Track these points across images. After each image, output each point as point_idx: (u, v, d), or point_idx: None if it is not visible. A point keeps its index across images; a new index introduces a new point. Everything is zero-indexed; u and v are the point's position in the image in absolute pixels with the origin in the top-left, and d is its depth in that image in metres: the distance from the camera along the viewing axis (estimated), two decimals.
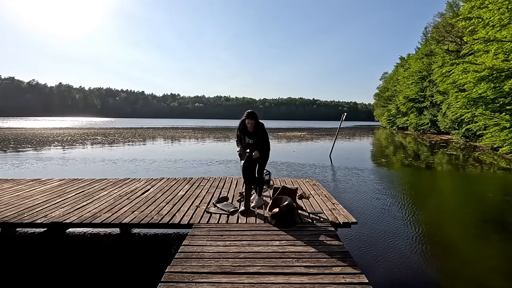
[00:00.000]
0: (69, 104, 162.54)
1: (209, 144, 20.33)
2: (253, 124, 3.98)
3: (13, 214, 3.71)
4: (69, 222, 3.49)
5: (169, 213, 3.84)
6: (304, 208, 4.06)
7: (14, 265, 3.44)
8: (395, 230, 4.50)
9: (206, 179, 5.91)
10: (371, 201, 6.04)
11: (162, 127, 48.71)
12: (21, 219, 3.56)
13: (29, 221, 3.50)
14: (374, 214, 5.15)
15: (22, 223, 3.48)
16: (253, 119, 3.96)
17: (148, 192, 4.85)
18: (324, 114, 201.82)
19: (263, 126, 4.09)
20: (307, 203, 4.33)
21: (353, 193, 6.61)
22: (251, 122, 3.96)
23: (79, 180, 5.71)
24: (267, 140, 4.13)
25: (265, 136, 4.10)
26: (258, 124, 4.03)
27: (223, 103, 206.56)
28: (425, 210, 5.69)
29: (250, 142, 4.10)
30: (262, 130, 4.06)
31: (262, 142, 4.06)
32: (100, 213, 3.80)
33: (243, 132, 4.13)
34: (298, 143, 21.43)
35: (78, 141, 20.08)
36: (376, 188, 7.22)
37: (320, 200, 4.44)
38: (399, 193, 7.01)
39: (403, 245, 3.99)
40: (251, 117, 3.96)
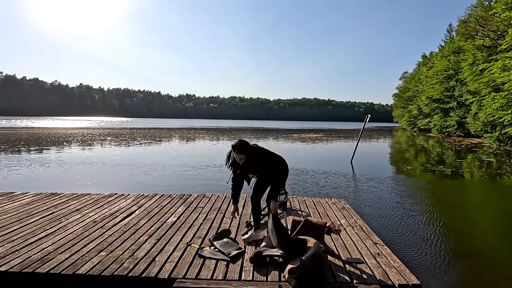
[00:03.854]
0: (89, 104, 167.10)
1: (220, 146, 19.36)
2: (243, 159, 2.89)
3: None
4: (4, 271, 2.48)
5: (148, 255, 2.77)
6: (337, 252, 2.88)
7: None
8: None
9: (207, 197, 4.82)
10: (423, 235, 4.75)
11: (176, 127, 48.43)
12: None
13: None
14: (434, 263, 3.89)
15: None
16: (241, 153, 2.86)
17: (131, 218, 3.82)
18: (339, 114, 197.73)
19: (263, 154, 2.96)
20: (338, 241, 3.15)
21: (392, 220, 5.24)
22: (239, 157, 2.88)
23: (56, 196, 4.77)
24: (276, 170, 3.01)
25: (270, 166, 2.98)
26: (252, 156, 2.90)
27: (237, 103, 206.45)
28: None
29: (254, 177, 3.12)
30: (261, 163, 2.94)
31: (270, 175, 3.01)
32: (54, 253, 2.78)
33: (238, 168, 3.04)
34: (314, 145, 20.08)
35: (87, 142, 19.63)
36: (422, 212, 5.91)
37: (356, 237, 3.25)
38: (455, 220, 5.67)
39: None
40: (237, 150, 2.85)
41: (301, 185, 7.78)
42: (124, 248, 2.92)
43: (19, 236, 3.16)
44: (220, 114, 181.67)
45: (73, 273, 2.46)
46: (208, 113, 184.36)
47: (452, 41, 36.99)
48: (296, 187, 7.49)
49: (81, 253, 2.80)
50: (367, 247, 2.98)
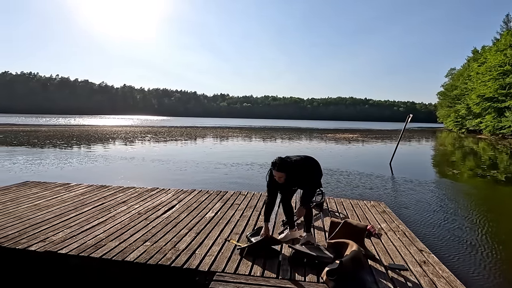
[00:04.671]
0: (131, 103, 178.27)
1: (252, 145, 19.53)
2: (283, 177, 2.79)
3: (13, 234, 3.13)
4: (64, 253, 2.76)
5: (188, 248, 2.89)
6: (377, 257, 2.77)
7: None
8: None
9: (242, 194, 4.90)
10: (469, 242, 4.39)
11: (211, 126, 49.79)
12: (18, 242, 2.95)
13: (23, 246, 2.86)
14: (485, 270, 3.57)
15: (14, 249, 2.85)
16: (281, 172, 2.75)
17: (172, 211, 4.01)
18: (377, 114, 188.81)
19: (301, 167, 2.88)
20: (379, 245, 3.02)
21: (437, 227, 4.90)
22: (279, 175, 2.78)
23: (105, 188, 5.17)
24: (310, 174, 2.97)
25: (307, 173, 2.93)
26: (292, 172, 2.81)
27: (270, 102, 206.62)
28: None
29: (295, 189, 3.16)
30: (303, 174, 2.88)
31: (305, 180, 2.97)
32: (106, 240, 3.02)
33: (278, 187, 2.96)
34: (348, 146, 19.41)
35: (129, 139, 20.96)
36: (471, 219, 5.45)
37: (399, 242, 3.09)
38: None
39: None
40: (277, 168, 2.75)
41: (336, 186, 7.58)
42: (167, 239, 3.08)
43: (76, 223, 3.47)
44: (253, 113, 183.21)
45: (122, 259, 2.65)
46: (241, 112, 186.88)
47: (509, 33, 33.40)
48: (330, 188, 7.32)
49: (128, 241, 3.01)
50: (412, 254, 2.82)
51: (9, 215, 3.67)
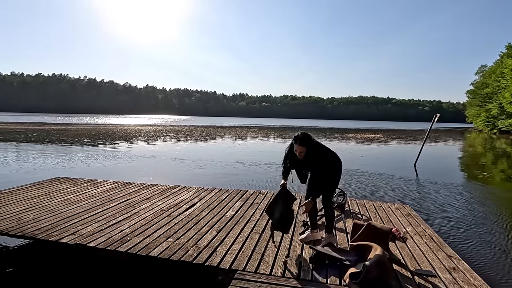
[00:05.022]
0: (153, 103, 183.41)
1: (271, 144, 19.49)
2: (303, 152, 2.82)
3: (47, 226, 3.32)
4: (92, 246, 2.88)
5: (210, 245, 2.93)
6: (403, 261, 2.67)
7: None
8: None
9: (262, 194, 4.90)
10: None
11: (230, 125, 50.24)
12: (50, 234, 3.11)
13: (56, 238, 3.02)
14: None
15: (48, 240, 3.01)
16: (302, 146, 2.79)
17: (193, 209, 4.08)
18: (400, 114, 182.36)
19: (322, 150, 2.87)
20: (405, 250, 2.91)
21: (466, 232, 4.63)
22: (300, 149, 2.81)
23: (130, 185, 5.35)
24: (331, 171, 2.91)
25: (328, 165, 2.88)
26: (312, 150, 2.83)
27: (289, 102, 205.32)
28: None
29: (308, 173, 3.02)
30: (321, 157, 2.85)
31: (324, 174, 2.90)
32: (131, 235, 3.12)
33: (295, 163, 2.99)
34: (370, 146, 18.88)
35: (151, 138, 21.57)
36: (503, 225, 5.14)
37: (426, 247, 2.97)
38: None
39: None
40: (299, 142, 2.79)
41: (357, 187, 7.41)
42: (189, 236, 3.14)
43: (103, 218, 3.62)
44: (272, 113, 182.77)
45: (147, 254, 2.73)
46: (260, 112, 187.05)
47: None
48: (351, 189, 7.16)
49: (152, 237, 3.10)
50: (440, 260, 2.70)
51: (43, 209, 3.89)
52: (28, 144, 15.91)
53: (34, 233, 3.12)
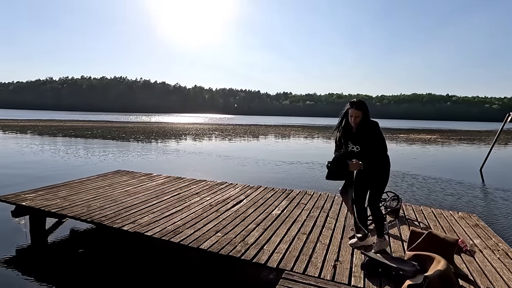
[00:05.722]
0: (200, 102, 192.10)
1: (316, 143, 19.03)
2: (359, 117, 2.62)
3: (111, 214, 3.66)
4: (149, 235, 3.10)
5: (257, 243, 2.96)
6: (471, 278, 2.38)
7: (96, 266, 3.35)
8: None
9: (308, 194, 4.79)
10: None
11: (273, 124, 50.35)
12: (114, 221, 3.43)
13: (119, 226, 3.32)
14: None
15: (112, 227, 3.33)
16: (359, 109, 2.61)
17: (240, 205, 4.16)
18: (462, 113, 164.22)
19: (376, 126, 2.65)
20: (473, 264, 2.59)
21: None
22: (356, 114, 2.62)
23: (181, 180, 5.65)
24: (383, 149, 2.64)
25: (380, 143, 2.64)
26: (368, 121, 2.64)
27: (334, 100, 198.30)
28: None
29: (354, 150, 2.74)
30: (374, 132, 2.63)
31: (374, 152, 2.63)
32: (183, 227, 3.29)
33: (344, 133, 2.80)
34: (425, 148, 17.31)
35: (198, 135, 22.59)
36: None
37: (500, 264, 2.61)
38: None
39: None
40: (356, 106, 2.62)
41: (411, 192, 6.86)
42: (236, 232, 3.20)
43: (158, 209, 3.88)
44: (317, 112, 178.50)
45: (197, 247, 2.85)
46: (304, 111, 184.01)
47: None
48: (402, 192, 6.66)
49: (202, 231, 3.23)
50: None
51: (107, 198, 4.31)
52: (94, 139, 17.83)
53: (100, 219, 3.47)
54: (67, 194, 4.42)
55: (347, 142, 2.78)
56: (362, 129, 2.66)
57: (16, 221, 4.34)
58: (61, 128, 26.24)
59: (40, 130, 23.27)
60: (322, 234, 3.22)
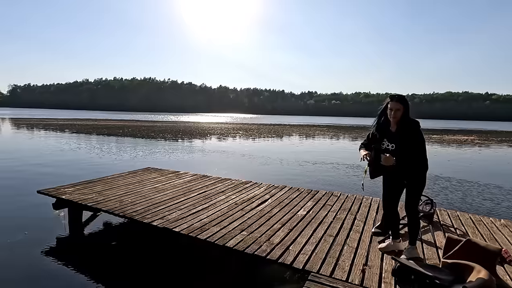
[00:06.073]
0: (225, 102, 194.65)
1: (341, 143, 18.56)
2: (400, 111, 2.49)
3: (141, 209, 3.81)
4: (177, 231, 3.19)
5: (282, 243, 2.94)
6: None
7: (126, 258, 3.50)
8: None
9: (335, 195, 4.68)
10: None
11: (297, 124, 49.86)
12: (144, 216, 3.57)
13: (148, 221, 3.44)
14: None
15: (142, 222, 3.46)
16: (400, 103, 2.49)
17: (265, 205, 4.15)
18: (504, 113, 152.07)
19: (418, 125, 2.51)
20: None
21: None
22: (396, 106, 2.49)
23: (207, 178, 5.76)
24: (422, 151, 2.49)
25: (420, 143, 2.48)
26: (408, 118, 2.51)
27: (361, 99, 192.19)
28: None
29: (390, 148, 2.59)
30: (415, 132, 2.48)
31: (412, 153, 2.47)
32: (209, 225, 3.35)
33: (380, 129, 2.67)
34: (461, 150, 16.25)
35: (223, 135, 22.90)
36: None
37: None
38: None
39: None
40: (396, 99, 2.50)
41: (444, 196, 6.48)
42: (261, 231, 3.20)
43: (185, 206, 3.98)
44: (342, 111, 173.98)
45: (223, 244, 2.89)
46: (330, 110, 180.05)
47: None
48: (434, 194, 6.30)
49: (227, 229, 3.26)
50: None
51: (137, 194, 4.50)
52: (125, 138, 18.70)
53: (132, 214, 3.63)
54: (101, 189, 4.67)
55: (383, 139, 2.66)
56: (402, 126, 2.53)
57: (56, 213, 4.65)
58: (95, 127, 27.82)
59: (77, 129, 24.81)
60: (350, 237, 3.13)
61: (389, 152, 2.58)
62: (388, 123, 2.63)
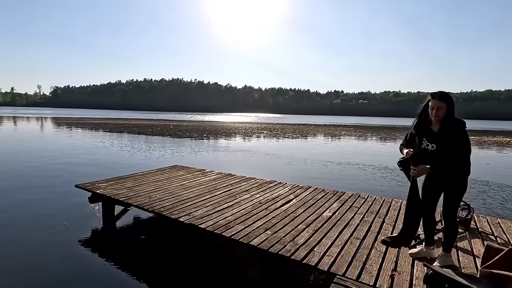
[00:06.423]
0: (250, 102, 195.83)
1: (369, 144, 17.92)
2: (442, 110, 2.31)
3: (169, 205, 3.94)
4: (203, 228, 3.26)
5: (307, 244, 2.90)
6: None
7: (155, 252, 3.63)
8: None
9: (362, 197, 4.54)
10: None
11: (322, 124, 48.97)
12: (171, 212, 3.69)
13: (176, 217, 3.56)
14: None
15: (170, 217, 3.58)
16: (442, 101, 2.31)
17: (289, 205, 4.12)
18: None
19: (463, 125, 2.33)
20: None
21: None
22: (438, 105, 2.31)
23: (231, 176, 5.83)
24: (467, 153, 2.32)
25: (466, 145, 2.31)
26: (453, 117, 2.33)
27: (391, 99, 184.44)
28: None
29: (429, 149, 2.43)
30: (460, 132, 2.31)
31: (454, 154, 2.30)
32: (233, 223, 3.39)
33: (420, 128, 2.51)
34: (501, 152, 15.04)
35: (247, 134, 23.04)
36: None
37: None
38: None
39: None
40: (438, 97, 2.32)
41: (482, 201, 6.04)
42: (286, 231, 3.18)
43: (210, 204, 4.06)
44: (371, 111, 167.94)
45: (247, 243, 2.91)
46: (357, 110, 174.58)
47: None
48: (471, 199, 5.89)
49: (252, 227, 3.28)
50: None
51: (165, 191, 4.66)
52: (154, 136, 19.45)
53: (160, 210, 3.77)
54: (132, 185, 4.90)
55: (422, 138, 2.48)
56: (445, 126, 2.35)
57: (92, 207, 4.95)
58: (126, 126, 29.21)
59: (110, 127, 26.20)
60: (378, 240, 3.02)
61: (428, 152, 2.44)
62: (429, 122, 2.47)
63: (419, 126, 2.53)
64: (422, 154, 2.47)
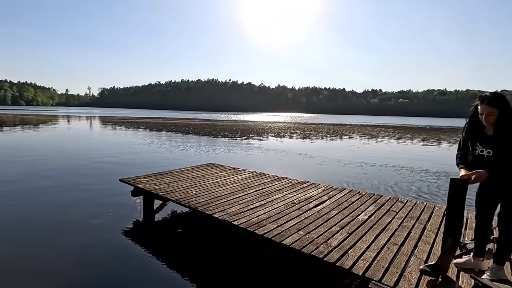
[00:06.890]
0: (283, 101, 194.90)
1: (409, 146, 16.88)
2: (493, 116, 2.10)
3: (204, 201, 4.09)
4: (236, 225, 3.33)
5: (340, 246, 2.83)
6: None
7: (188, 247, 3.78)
8: None
9: (401, 201, 4.31)
10: None
11: (358, 124, 47.15)
12: (206, 208, 3.83)
13: (210, 212, 3.68)
14: None
15: (205, 213, 3.71)
16: (492, 106, 2.08)
17: (322, 206, 4.05)
18: None
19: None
20: None
21: None
22: (487, 111, 2.10)
23: (264, 175, 5.87)
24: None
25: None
26: (509, 120, 2.09)
27: (435, 98, 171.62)
28: None
29: (485, 155, 2.21)
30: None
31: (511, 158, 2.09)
32: (266, 221, 3.42)
33: (472, 132, 2.29)
34: None
35: (280, 134, 22.97)
36: None
37: None
38: None
39: None
40: (487, 101, 2.09)
41: None
42: (319, 233, 3.14)
43: (243, 202, 4.14)
44: (410, 111, 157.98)
45: (280, 242, 2.92)
46: (396, 109, 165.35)
47: None
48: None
49: (284, 227, 3.28)
50: None
51: (201, 187, 4.84)
52: (190, 135, 20.22)
53: (196, 205, 3.92)
54: (170, 181, 5.16)
55: (475, 143, 2.26)
56: (500, 129, 2.13)
57: (133, 200, 5.30)
58: (165, 125, 30.71)
59: (150, 126, 27.75)
60: (418, 247, 2.85)
61: (484, 159, 2.23)
62: (481, 125, 2.25)
63: (470, 129, 2.31)
64: (476, 161, 2.25)
